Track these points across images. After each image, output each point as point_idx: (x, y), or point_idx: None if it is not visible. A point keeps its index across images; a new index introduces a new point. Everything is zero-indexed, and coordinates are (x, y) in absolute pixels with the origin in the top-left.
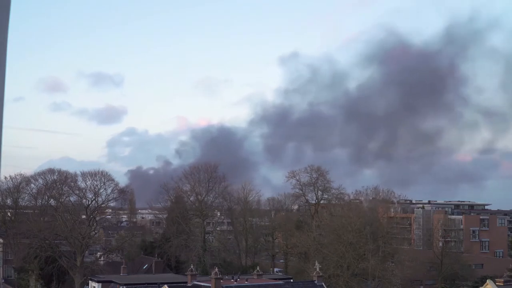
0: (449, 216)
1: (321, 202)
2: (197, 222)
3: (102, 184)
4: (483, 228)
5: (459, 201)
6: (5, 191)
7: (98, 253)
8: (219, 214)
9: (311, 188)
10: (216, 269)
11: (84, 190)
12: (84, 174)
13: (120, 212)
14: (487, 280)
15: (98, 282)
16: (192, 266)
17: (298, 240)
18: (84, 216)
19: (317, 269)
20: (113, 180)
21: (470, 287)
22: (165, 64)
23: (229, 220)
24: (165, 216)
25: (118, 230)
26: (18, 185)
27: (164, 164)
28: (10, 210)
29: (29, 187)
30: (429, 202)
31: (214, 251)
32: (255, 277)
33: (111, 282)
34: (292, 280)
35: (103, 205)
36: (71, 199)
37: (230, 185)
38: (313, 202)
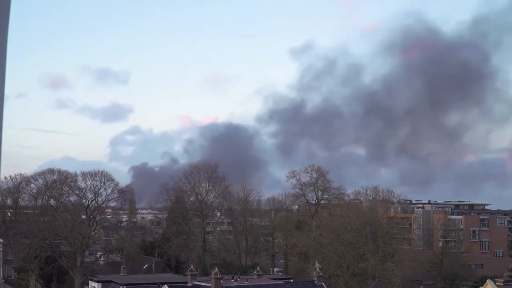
0: (449, 216)
1: (321, 202)
2: (197, 222)
3: (102, 184)
4: (483, 228)
5: (459, 201)
6: (5, 191)
7: (98, 253)
8: (219, 214)
9: (311, 188)
10: (216, 269)
11: (84, 190)
12: (84, 174)
13: (120, 212)
14: (487, 280)
15: (98, 282)
16: (192, 266)
17: (298, 240)
18: (84, 216)
19: (317, 269)
20: (113, 180)
21: (470, 287)
22: (172, 62)
23: (229, 220)
24: (165, 216)
25: (118, 230)
26: (18, 185)
27: (171, 161)
28: (10, 210)
29: (29, 187)
30: (429, 202)
31: (214, 251)
32: (255, 277)
33: (111, 282)
34: (292, 280)
35: (103, 205)
36: (71, 199)
37: (231, 185)
38: (313, 202)
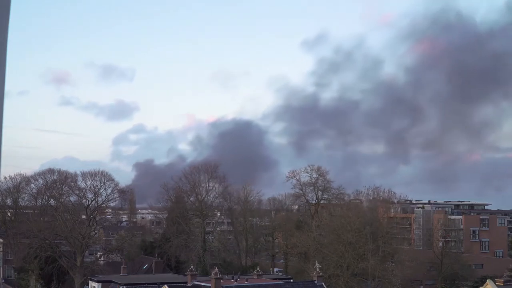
0: (449, 216)
1: (321, 202)
2: (197, 222)
3: (102, 184)
4: (483, 228)
5: (459, 201)
6: (5, 191)
7: (98, 253)
8: (219, 214)
9: (311, 188)
10: (216, 269)
11: (84, 190)
12: (84, 174)
13: (120, 212)
14: (487, 280)
15: (98, 282)
16: (192, 266)
17: (298, 240)
18: (84, 216)
19: (317, 269)
20: (113, 180)
21: (470, 287)
22: (178, 59)
23: (229, 220)
24: (165, 216)
25: (118, 230)
26: (18, 185)
27: (178, 159)
28: (10, 210)
29: (29, 187)
30: (429, 202)
31: (214, 251)
32: (255, 277)
33: (111, 282)
34: (292, 280)
35: (103, 205)
36: (71, 199)
37: (230, 185)
38: (313, 202)
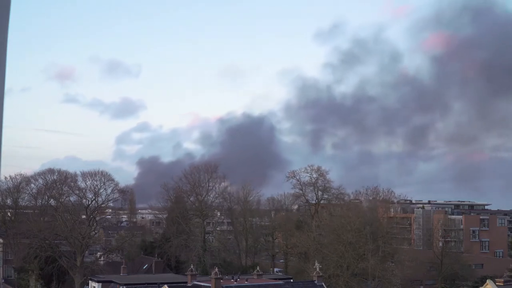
0: (449, 216)
1: (321, 202)
2: (197, 222)
3: (102, 184)
4: (483, 228)
5: (459, 201)
6: (5, 191)
7: (98, 253)
8: (219, 214)
9: (311, 188)
10: (216, 269)
11: (84, 190)
12: (84, 174)
13: (120, 212)
14: (487, 280)
15: (98, 282)
16: (192, 266)
17: (298, 240)
18: (84, 216)
19: (317, 269)
20: (113, 180)
21: (470, 287)
22: (186, 55)
23: (229, 220)
24: (165, 216)
25: (118, 230)
26: (18, 185)
27: (185, 157)
28: (10, 210)
29: (29, 187)
30: (429, 202)
31: (214, 251)
32: (255, 277)
33: (111, 282)
34: (292, 280)
35: (103, 205)
36: (71, 199)
37: (230, 185)
38: (313, 202)
